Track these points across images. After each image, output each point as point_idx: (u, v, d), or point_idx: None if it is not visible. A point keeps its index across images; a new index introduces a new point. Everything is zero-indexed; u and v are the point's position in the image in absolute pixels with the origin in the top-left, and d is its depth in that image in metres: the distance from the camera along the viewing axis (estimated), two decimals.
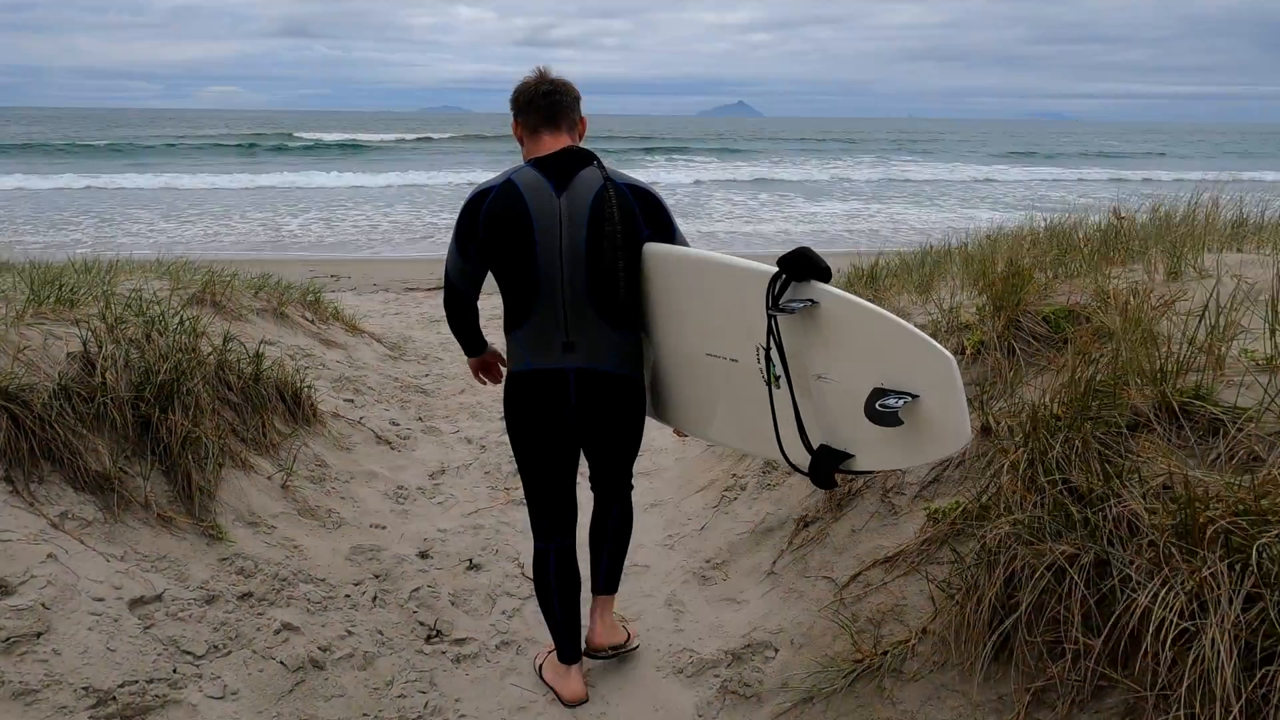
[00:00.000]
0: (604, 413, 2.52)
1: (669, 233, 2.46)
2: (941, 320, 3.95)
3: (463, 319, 2.67)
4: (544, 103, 2.41)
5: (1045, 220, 6.95)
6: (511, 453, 2.70)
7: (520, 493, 3.61)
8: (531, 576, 2.88)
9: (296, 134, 46.28)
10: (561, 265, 2.36)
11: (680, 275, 2.41)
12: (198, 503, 3.17)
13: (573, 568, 2.74)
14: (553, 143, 2.42)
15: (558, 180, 2.36)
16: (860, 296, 2.19)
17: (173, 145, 39.23)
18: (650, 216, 2.41)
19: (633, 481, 2.89)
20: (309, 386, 4.50)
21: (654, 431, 5.22)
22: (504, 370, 2.63)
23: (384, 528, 3.80)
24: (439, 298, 8.91)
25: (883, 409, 1.98)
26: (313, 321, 6.22)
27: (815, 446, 2.21)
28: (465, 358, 2.90)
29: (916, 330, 2.00)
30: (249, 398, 3.96)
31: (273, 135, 45.54)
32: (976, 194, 26.96)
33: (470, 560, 3.62)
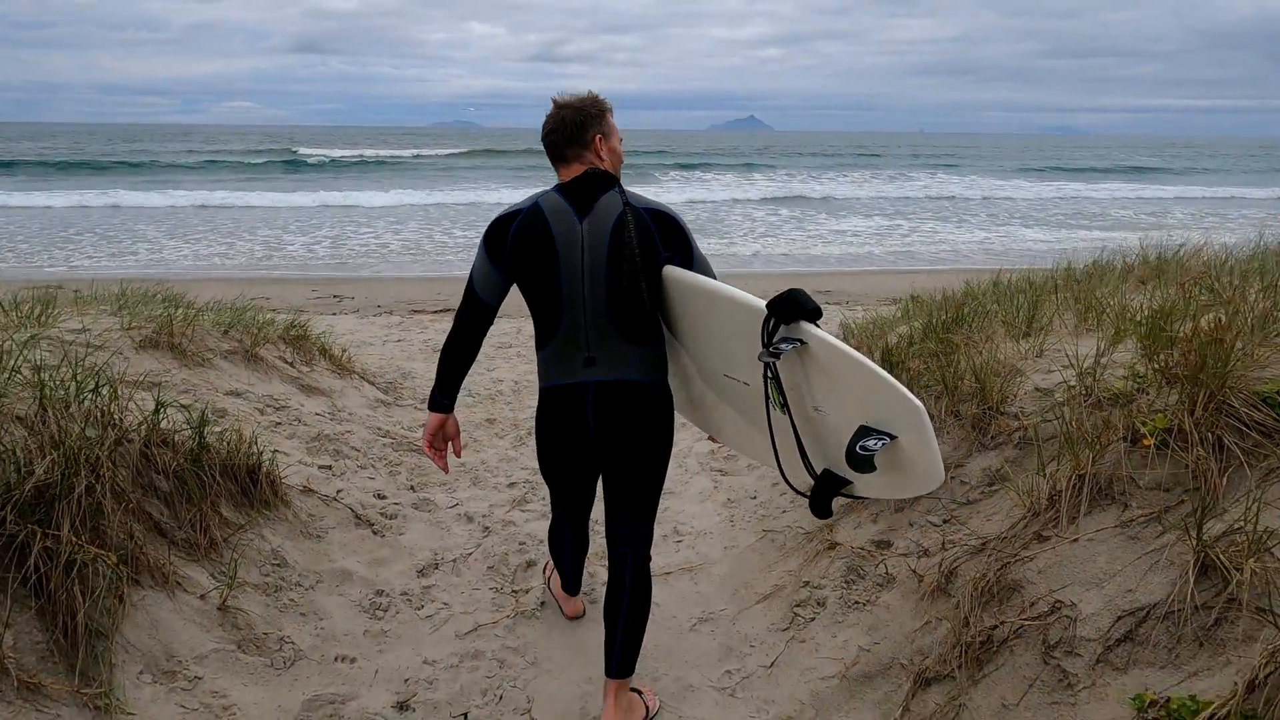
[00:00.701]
0: (624, 421, 2.50)
1: (688, 254, 2.49)
2: (1079, 385, 3.05)
3: (464, 340, 2.56)
4: (548, 144, 2.52)
5: (1144, 243, 6.02)
6: (519, 542, 3.06)
7: (531, 601, 3.42)
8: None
9: (303, 150, 45.99)
10: (583, 286, 2.42)
11: (694, 300, 2.44)
12: (84, 654, 2.28)
13: (585, 537, 3.03)
14: (571, 171, 2.49)
15: (580, 205, 2.43)
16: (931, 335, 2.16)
17: (178, 165, 38.45)
18: (669, 239, 2.45)
19: (658, 557, 2.83)
20: (271, 457, 3.62)
21: (693, 506, 4.43)
22: (455, 455, 2.71)
23: (353, 661, 2.90)
24: (445, 322, 8.21)
25: (862, 451, 2.05)
26: (293, 364, 5.35)
27: (819, 471, 2.27)
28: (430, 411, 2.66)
29: (889, 378, 2.03)
30: (185, 482, 3.08)
31: (281, 151, 45.17)
32: (1005, 209, 25.97)
33: (465, 715, 2.71)
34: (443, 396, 2.60)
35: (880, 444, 2.02)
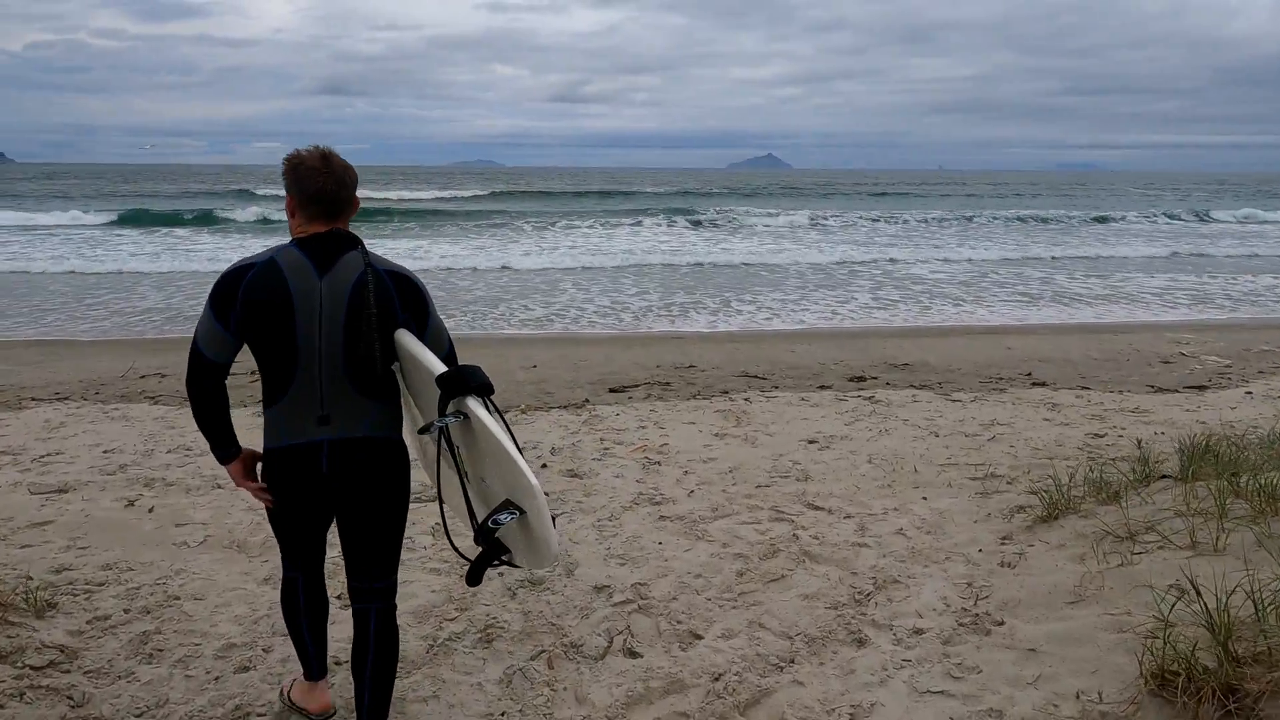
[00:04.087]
0: (360, 479, 2.49)
1: (424, 318, 2.50)
2: None
3: (212, 400, 2.51)
4: (330, 201, 2.45)
5: None
6: None
7: None
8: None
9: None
10: (319, 344, 2.40)
11: (409, 363, 2.48)
12: None
13: (322, 594, 2.81)
14: (317, 227, 2.46)
15: (320, 262, 2.41)
16: None
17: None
18: (407, 302, 2.46)
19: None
20: None
21: None
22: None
23: None
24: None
25: (492, 524, 2.23)
26: None
27: (487, 540, 2.34)
28: (221, 464, 2.64)
29: (513, 455, 2.18)
30: None
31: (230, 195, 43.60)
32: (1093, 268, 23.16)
33: None
34: (223, 448, 2.56)
35: (510, 518, 2.22)
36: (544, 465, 5.72)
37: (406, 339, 2.44)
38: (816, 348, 10.93)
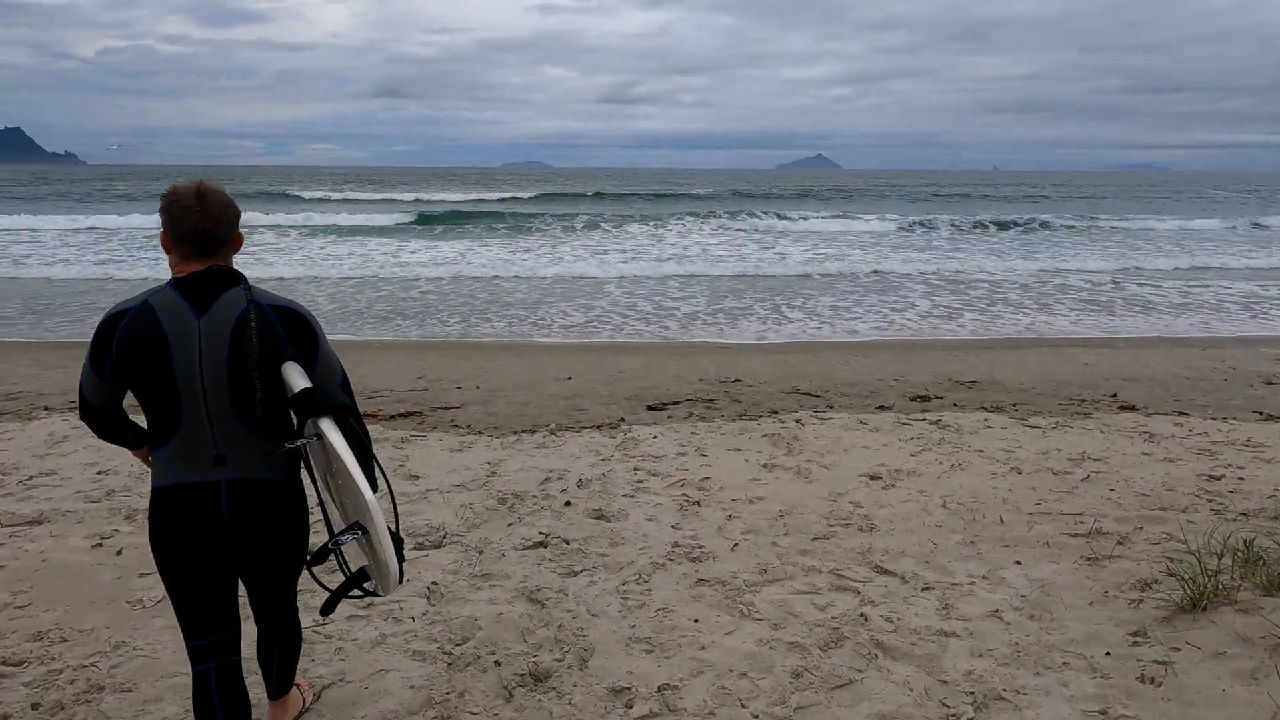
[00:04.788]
0: (259, 522, 2.40)
1: (314, 351, 2.41)
2: None
3: (111, 426, 2.51)
4: (202, 239, 2.35)
5: None
6: None
7: None
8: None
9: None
10: (203, 386, 2.32)
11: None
12: None
13: (241, 690, 2.52)
14: (193, 266, 2.37)
15: (197, 302, 2.34)
16: None
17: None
18: (295, 336, 2.38)
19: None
20: None
21: None
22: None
23: None
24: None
25: (333, 545, 2.24)
26: None
27: (352, 570, 2.40)
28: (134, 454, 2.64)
29: (352, 469, 2.17)
30: None
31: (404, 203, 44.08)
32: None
33: None
34: (133, 443, 2.57)
35: (351, 537, 2.23)
36: (568, 503, 5.01)
37: (288, 369, 2.37)
38: (873, 361, 10.08)
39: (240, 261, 2.50)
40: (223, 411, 2.32)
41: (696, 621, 3.45)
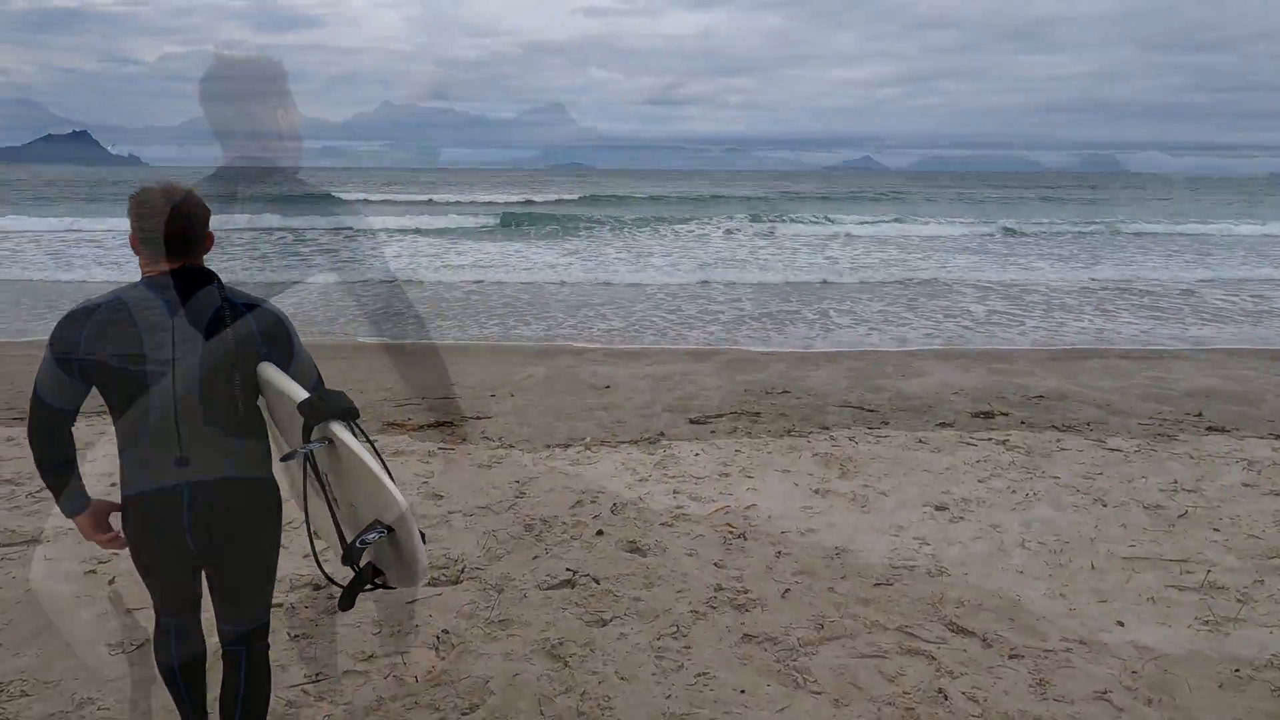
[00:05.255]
0: (226, 522, 2.37)
1: (288, 351, 2.41)
2: None
3: (58, 449, 2.36)
4: (174, 239, 2.29)
5: None
6: None
7: None
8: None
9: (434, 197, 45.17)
10: (174, 384, 2.28)
11: (273, 395, 2.40)
12: None
13: (199, 637, 2.59)
14: (172, 264, 2.32)
15: (172, 300, 2.30)
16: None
17: None
18: (269, 337, 2.36)
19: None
20: None
21: None
22: (121, 533, 2.44)
23: None
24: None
25: (360, 545, 2.19)
26: None
27: (361, 565, 2.31)
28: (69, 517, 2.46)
29: (380, 474, 2.16)
30: None
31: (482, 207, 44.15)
32: None
33: None
34: (71, 500, 2.40)
35: (378, 535, 2.19)
36: (600, 532, 4.55)
37: (270, 371, 2.35)
38: (929, 371, 9.47)
39: (285, 265, 2.31)
40: (193, 411, 2.29)
41: (743, 693, 2.94)
